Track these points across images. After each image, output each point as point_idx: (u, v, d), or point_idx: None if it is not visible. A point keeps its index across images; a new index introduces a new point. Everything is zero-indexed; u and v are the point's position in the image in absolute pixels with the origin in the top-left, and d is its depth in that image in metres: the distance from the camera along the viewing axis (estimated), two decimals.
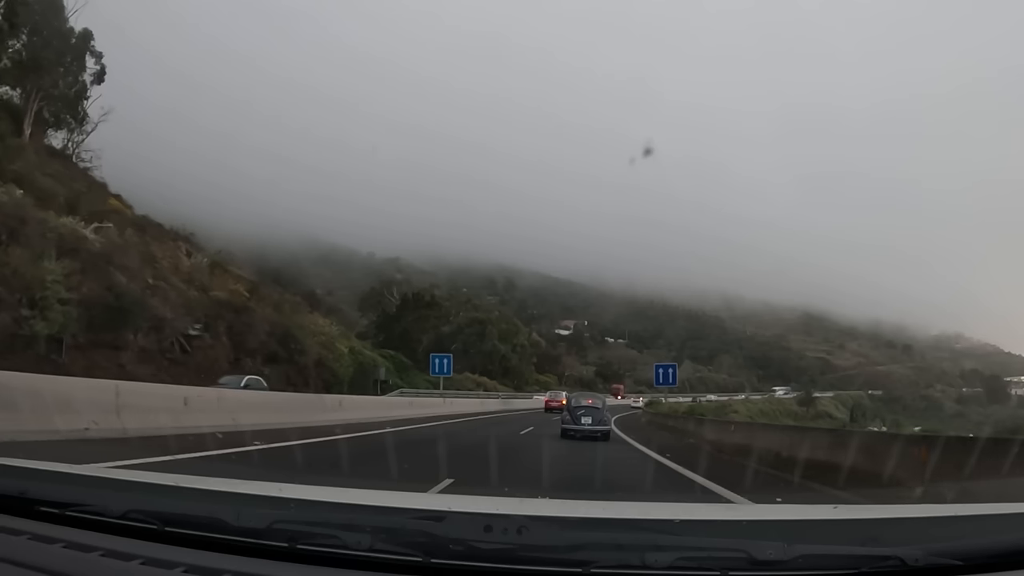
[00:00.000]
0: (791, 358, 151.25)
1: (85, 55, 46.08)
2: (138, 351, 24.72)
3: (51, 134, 47.45)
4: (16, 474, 2.00)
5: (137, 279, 26.25)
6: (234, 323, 28.90)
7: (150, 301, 25.43)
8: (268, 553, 1.51)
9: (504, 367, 70.28)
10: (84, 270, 23.39)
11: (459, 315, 71.37)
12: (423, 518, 1.56)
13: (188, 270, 31.33)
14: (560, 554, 1.45)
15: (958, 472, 5.93)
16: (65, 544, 1.58)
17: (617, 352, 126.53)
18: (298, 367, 32.25)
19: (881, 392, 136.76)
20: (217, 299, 29.46)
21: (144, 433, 9.40)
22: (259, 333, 29.72)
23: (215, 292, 30.00)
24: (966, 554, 1.44)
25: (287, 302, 36.48)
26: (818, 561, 1.42)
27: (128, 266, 26.14)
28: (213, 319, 27.87)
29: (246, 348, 29.29)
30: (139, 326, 24.72)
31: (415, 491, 2.60)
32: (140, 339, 25.11)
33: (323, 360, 34.68)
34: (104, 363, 22.80)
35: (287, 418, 12.63)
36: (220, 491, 1.96)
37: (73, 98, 46.49)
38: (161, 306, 25.62)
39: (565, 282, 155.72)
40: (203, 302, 28.46)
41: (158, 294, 26.34)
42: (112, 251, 25.70)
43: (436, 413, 26.94)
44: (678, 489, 8.75)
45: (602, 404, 19.67)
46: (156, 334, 25.47)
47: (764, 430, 14.75)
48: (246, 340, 29.15)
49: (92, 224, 27.33)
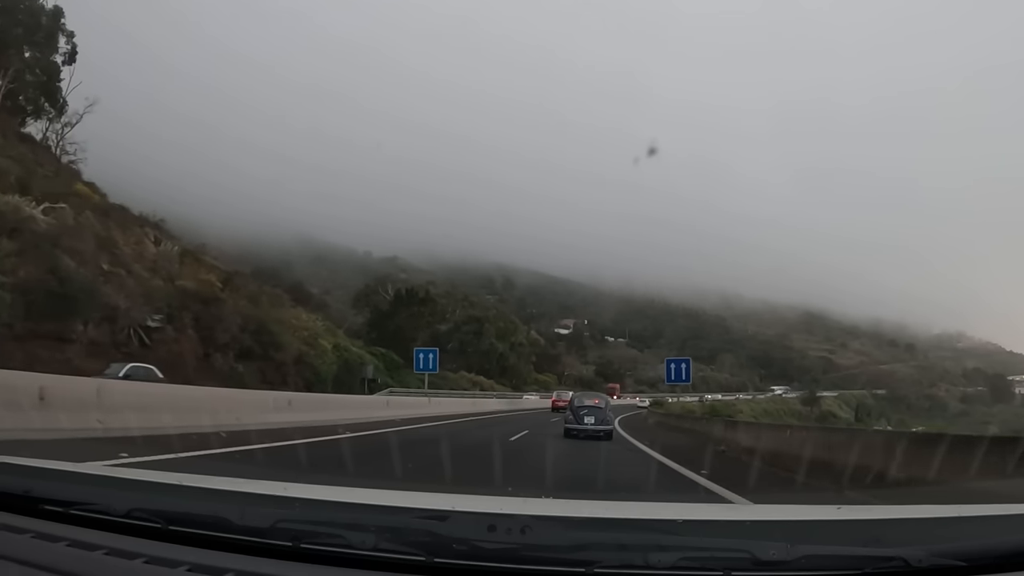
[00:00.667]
0: (794, 357, 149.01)
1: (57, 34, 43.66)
2: (88, 343, 21.91)
3: (30, 123, 45.23)
4: (20, 472, 2.00)
5: (90, 264, 23.49)
6: (201, 315, 26.08)
7: (102, 288, 22.64)
8: (272, 552, 1.50)
9: (502, 366, 67.43)
10: (23, 251, 20.62)
11: (456, 313, 68.59)
12: (427, 517, 1.55)
13: (154, 258, 28.54)
14: (563, 554, 1.44)
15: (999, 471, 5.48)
16: (69, 542, 1.56)
17: (617, 351, 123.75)
18: (275, 364, 29.43)
19: (884, 391, 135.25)
20: (184, 289, 26.63)
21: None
22: (230, 326, 26.90)
23: (182, 282, 27.15)
24: (970, 555, 1.42)
25: (265, 294, 33.57)
26: (821, 562, 1.40)
27: (80, 250, 23.36)
28: (177, 310, 25.03)
29: (215, 342, 26.47)
30: (89, 316, 21.94)
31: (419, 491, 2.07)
32: (91, 330, 22.31)
33: (304, 357, 31.82)
34: (45, 355, 19.99)
35: (205, 420, 9.74)
36: (224, 490, 1.95)
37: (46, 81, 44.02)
38: (114, 294, 22.81)
39: (563, 281, 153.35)
40: (166, 292, 25.62)
41: (113, 281, 23.55)
42: (61, 233, 22.90)
43: (415, 415, 23.72)
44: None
45: (605, 404, 19.60)
46: (109, 325, 22.66)
47: (841, 435, 11.44)
48: (215, 334, 26.33)
49: (43, 204, 24.55)
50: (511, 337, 69.07)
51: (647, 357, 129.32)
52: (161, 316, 24.13)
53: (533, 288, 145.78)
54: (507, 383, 66.71)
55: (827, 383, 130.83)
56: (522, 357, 70.84)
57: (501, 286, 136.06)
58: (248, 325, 28.24)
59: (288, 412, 13.88)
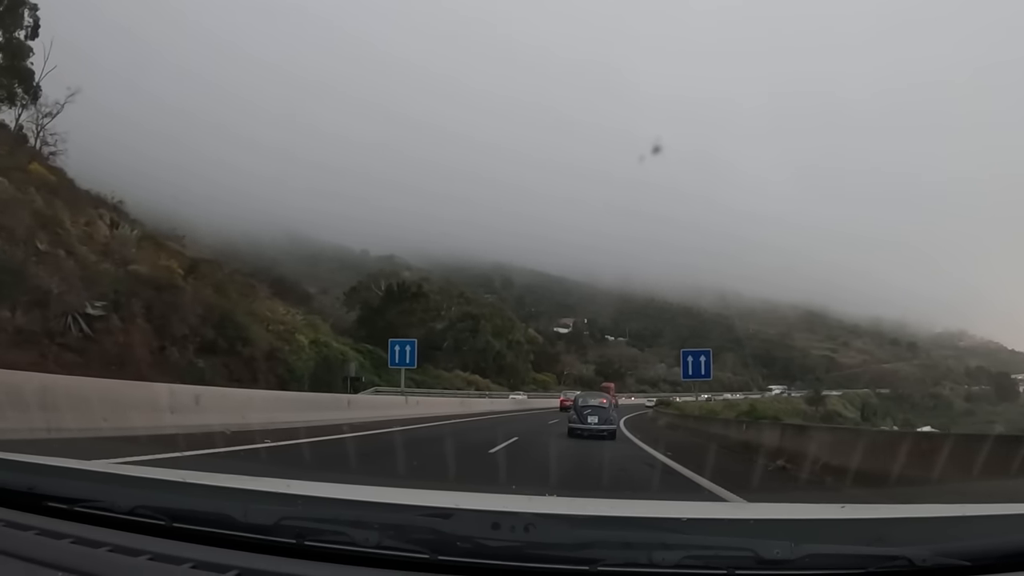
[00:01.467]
0: (796, 356, 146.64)
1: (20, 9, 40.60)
2: (13, 332, 18.73)
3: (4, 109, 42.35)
4: (24, 469, 1.99)
5: (22, 243, 20.32)
6: (155, 303, 22.86)
7: (32, 269, 19.46)
8: (276, 549, 1.49)
9: (499, 365, 64.25)
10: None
11: (450, 310, 65.39)
12: (431, 515, 1.54)
13: (106, 241, 25.33)
14: (567, 552, 1.43)
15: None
16: (73, 539, 1.55)
17: (618, 350, 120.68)
18: (243, 359, 26.21)
19: (888, 390, 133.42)
20: (136, 274, 23.43)
21: None
22: (188, 316, 23.69)
23: (135, 267, 23.96)
24: (974, 554, 1.41)
25: (234, 283, 30.29)
26: (825, 560, 1.39)
27: (10, 227, 20.19)
28: (125, 297, 21.82)
29: (171, 334, 23.26)
30: (14, 299, 18.76)
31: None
32: (19, 317, 19.13)
33: (277, 352, 28.61)
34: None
35: (39, 422, 6.65)
36: (228, 487, 1.94)
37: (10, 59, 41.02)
38: (47, 276, 19.62)
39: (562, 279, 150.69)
40: (113, 276, 22.43)
41: (48, 262, 20.38)
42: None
43: (381, 418, 19.95)
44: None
45: (609, 404, 19.28)
46: (41, 311, 19.47)
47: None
48: (171, 324, 23.12)
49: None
50: (508, 335, 65.87)
51: (647, 356, 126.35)
52: (104, 303, 20.91)
53: (532, 287, 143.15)
54: (504, 382, 63.52)
55: (830, 382, 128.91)
56: (520, 356, 67.59)
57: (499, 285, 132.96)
58: (211, 316, 25.03)
59: (195, 413, 10.52)
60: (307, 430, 12.78)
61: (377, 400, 28.46)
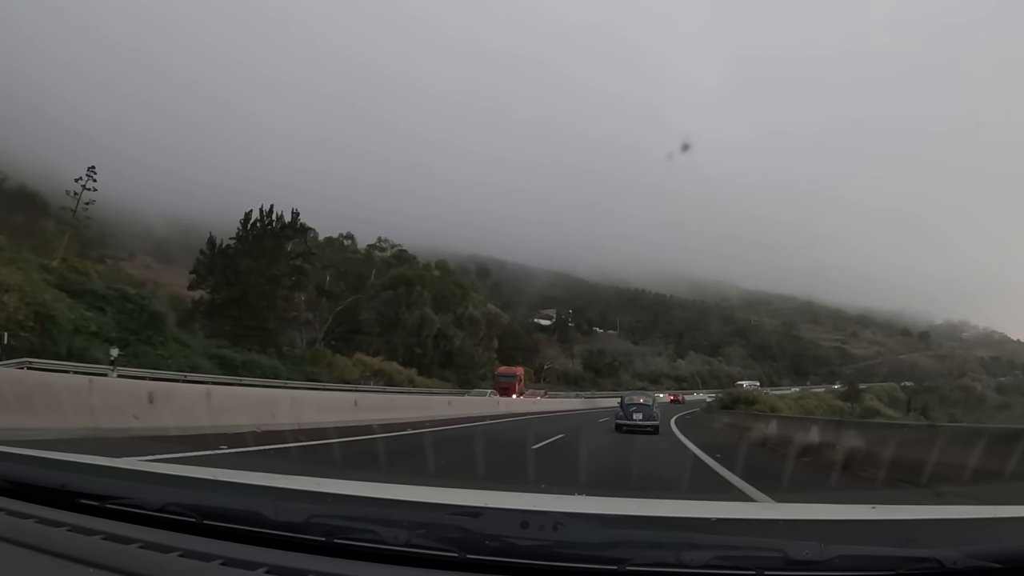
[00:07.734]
0: (806, 347, 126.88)
1: None
2: None
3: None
4: (58, 467, 1.93)
5: None
6: None
7: None
8: (305, 547, 1.45)
9: (444, 350, 42.88)
10: None
11: (373, 273, 44.00)
12: (460, 514, 1.50)
13: None
14: (596, 551, 1.38)
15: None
16: (104, 536, 1.52)
17: (609, 343, 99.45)
18: None
19: (912, 383, 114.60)
20: None
21: None
22: None
23: None
24: (1006, 557, 1.33)
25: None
26: (855, 562, 1.33)
27: None
28: None
29: None
30: None
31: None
32: None
33: None
34: None
35: None
36: (258, 485, 1.90)
37: None
38: None
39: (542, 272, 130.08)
40: None
41: None
42: None
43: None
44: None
45: (652, 402, 21.37)
46: None
47: None
48: None
49: None
50: (457, 308, 44.48)
51: (643, 350, 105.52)
52: None
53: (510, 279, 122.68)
54: (452, 377, 42.20)
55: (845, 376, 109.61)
56: (475, 338, 46.02)
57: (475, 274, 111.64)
58: None
59: None
60: None
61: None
